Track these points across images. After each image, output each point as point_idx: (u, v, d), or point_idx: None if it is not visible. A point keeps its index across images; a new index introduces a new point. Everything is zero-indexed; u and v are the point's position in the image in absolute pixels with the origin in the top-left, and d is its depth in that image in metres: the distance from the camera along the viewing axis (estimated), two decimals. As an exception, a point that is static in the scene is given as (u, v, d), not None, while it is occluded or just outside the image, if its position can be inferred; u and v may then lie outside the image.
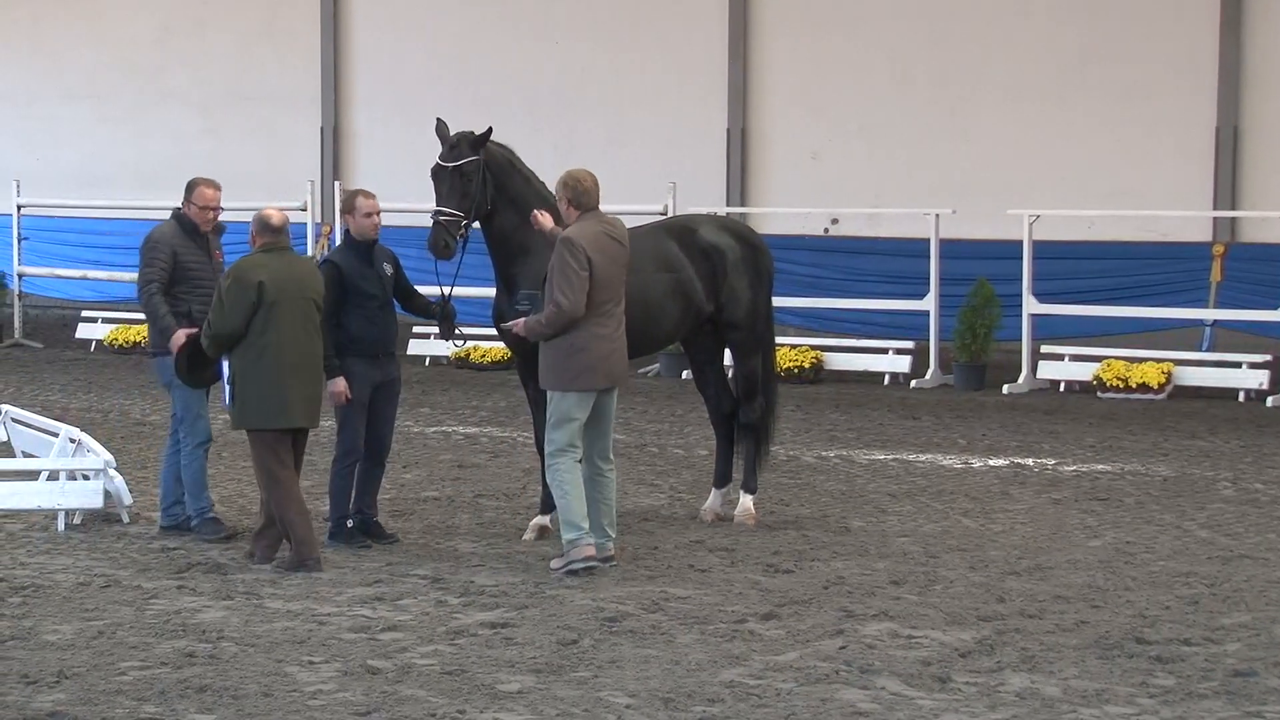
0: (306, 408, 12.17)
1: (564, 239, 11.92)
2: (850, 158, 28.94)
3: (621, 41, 30.67)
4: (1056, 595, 11.34)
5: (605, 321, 11.99)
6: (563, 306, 11.80)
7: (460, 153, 12.89)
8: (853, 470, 16.63)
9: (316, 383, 12.28)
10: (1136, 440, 18.75)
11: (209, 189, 13.20)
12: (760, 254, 14.18)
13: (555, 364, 11.94)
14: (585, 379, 11.92)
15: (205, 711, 8.67)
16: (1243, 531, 13.70)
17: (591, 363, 11.91)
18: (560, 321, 11.84)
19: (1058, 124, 27.58)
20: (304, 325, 12.13)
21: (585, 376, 11.92)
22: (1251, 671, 9.51)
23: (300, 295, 12.12)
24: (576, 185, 12.12)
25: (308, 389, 12.17)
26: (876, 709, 8.80)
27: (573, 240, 11.89)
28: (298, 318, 12.09)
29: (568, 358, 11.89)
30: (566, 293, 11.79)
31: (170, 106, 34.05)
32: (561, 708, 8.76)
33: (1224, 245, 25.39)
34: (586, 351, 11.89)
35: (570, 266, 11.80)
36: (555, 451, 11.93)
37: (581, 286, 11.81)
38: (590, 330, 11.92)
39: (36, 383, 23.58)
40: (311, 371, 12.21)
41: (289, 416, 12.08)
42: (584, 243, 11.87)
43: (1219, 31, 26.67)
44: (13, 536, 13.08)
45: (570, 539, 11.83)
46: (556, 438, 11.92)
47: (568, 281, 11.80)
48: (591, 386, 11.96)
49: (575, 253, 11.82)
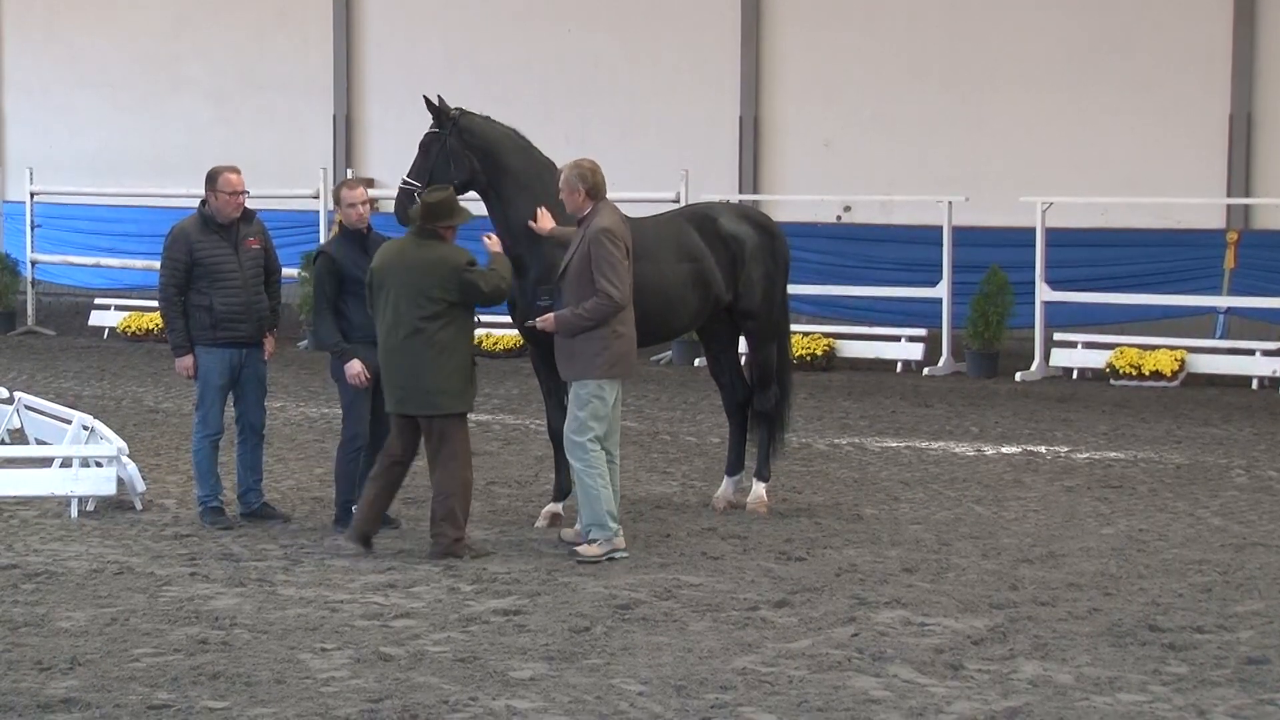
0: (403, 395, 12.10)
1: (604, 230, 11.88)
2: (863, 145, 28.92)
3: (635, 30, 30.66)
4: (1069, 583, 11.33)
5: (628, 311, 12.06)
6: (615, 298, 11.82)
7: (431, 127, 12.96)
8: (865, 458, 16.62)
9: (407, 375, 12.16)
10: (1149, 428, 18.73)
11: (232, 174, 13.09)
12: (778, 242, 14.17)
13: (591, 353, 11.89)
14: (621, 366, 12.00)
15: (218, 698, 8.68)
16: (1256, 519, 13.69)
17: (626, 351, 12.00)
18: (608, 312, 11.84)
19: (1071, 112, 27.55)
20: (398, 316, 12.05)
21: (621, 364, 12.00)
22: (1264, 659, 9.50)
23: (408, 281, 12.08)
24: (592, 176, 12.09)
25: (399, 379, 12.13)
26: (889, 696, 8.80)
27: (613, 231, 11.92)
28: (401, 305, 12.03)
29: (605, 347, 11.89)
30: (616, 284, 11.83)
31: (184, 95, 34.09)
32: (574, 695, 8.76)
33: (1237, 233, 25.35)
34: (622, 339, 11.96)
35: (615, 257, 11.84)
36: (591, 440, 11.89)
37: (627, 276, 11.91)
38: (629, 316, 12.04)
39: (49, 370, 23.61)
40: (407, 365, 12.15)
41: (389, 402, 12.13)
42: (624, 233, 12.00)
43: (1232, 19, 26.64)
44: (26, 523, 13.10)
45: (613, 529, 11.88)
46: (594, 427, 11.90)
47: (615, 272, 11.84)
48: (627, 374, 12.09)
49: (618, 243, 11.89)
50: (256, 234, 13.20)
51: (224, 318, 12.95)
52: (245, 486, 13.29)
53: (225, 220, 13.05)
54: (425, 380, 11.89)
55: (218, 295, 12.93)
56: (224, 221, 13.05)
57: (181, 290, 12.99)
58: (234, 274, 12.95)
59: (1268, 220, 26.48)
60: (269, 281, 13.27)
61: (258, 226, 13.26)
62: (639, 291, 13.24)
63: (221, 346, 13.01)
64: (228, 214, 13.04)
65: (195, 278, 12.97)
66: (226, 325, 12.97)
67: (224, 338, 12.99)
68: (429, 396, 11.93)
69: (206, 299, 12.94)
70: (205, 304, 12.94)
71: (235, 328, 12.99)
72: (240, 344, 13.06)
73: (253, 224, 13.22)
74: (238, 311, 12.97)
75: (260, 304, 13.11)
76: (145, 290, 29.57)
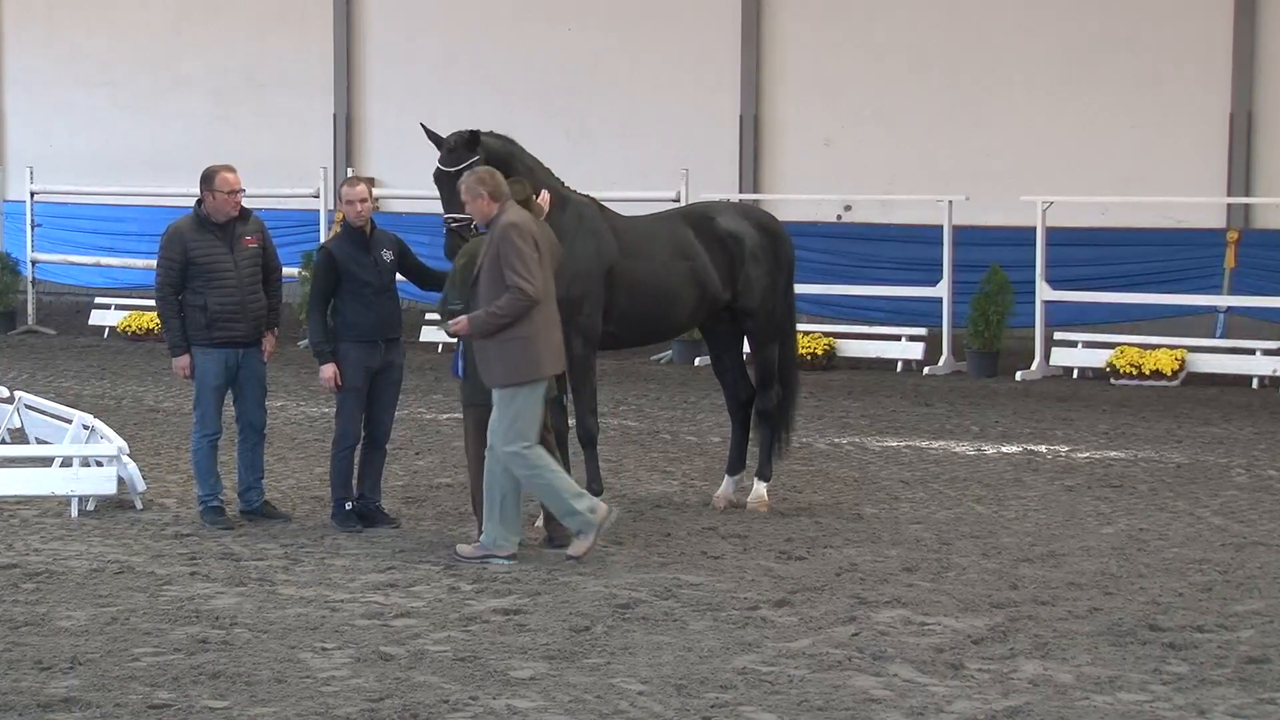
0: None
1: (510, 224, 11.62)
2: (864, 144, 28.92)
3: (635, 28, 30.65)
4: (1069, 582, 11.33)
5: (550, 305, 11.78)
6: (527, 291, 11.48)
7: (459, 156, 12.72)
8: (865, 457, 16.62)
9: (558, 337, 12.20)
10: (1150, 427, 18.74)
11: (228, 173, 13.06)
12: (780, 242, 14.14)
13: (511, 357, 11.62)
14: (545, 366, 11.73)
15: (218, 698, 8.68)
16: (1256, 518, 13.69)
17: (553, 347, 11.76)
18: (522, 307, 11.51)
19: (1071, 110, 27.56)
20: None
21: (544, 364, 11.72)
22: (1265, 658, 9.50)
23: None
24: (491, 179, 11.85)
25: None
26: (889, 696, 8.79)
27: (520, 225, 11.64)
28: None
29: (524, 349, 11.62)
30: (527, 276, 11.49)
31: (184, 93, 34.08)
32: (574, 694, 8.76)
33: (1238, 232, 25.36)
34: (539, 339, 11.66)
35: (523, 250, 11.53)
36: (524, 448, 11.61)
37: (538, 269, 11.56)
38: (545, 314, 11.71)
39: (50, 369, 23.61)
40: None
41: None
42: (532, 230, 11.70)
43: (1233, 17, 26.64)
44: (26, 523, 13.10)
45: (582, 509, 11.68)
46: (528, 431, 11.65)
47: (525, 265, 11.51)
48: (556, 370, 11.83)
49: (525, 237, 11.59)
50: (254, 233, 13.18)
51: (219, 317, 12.93)
52: (246, 485, 13.29)
53: (222, 219, 13.03)
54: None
55: (213, 295, 12.91)
56: (220, 221, 13.03)
57: (177, 290, 12.98)
58: (229, 273, 12.94)
59: (1268, 219, 26.48)
60: (269, 281, 13.25)
61: (255, 225, 13.23)
62: (637, 290, 13.27)
63: (217, 346, 12.99)
64: (225, 213, 13.02)
65: (190, 277, 12.95)
66: (222, 325, 12.95)
67: (220, 337, 12.98)
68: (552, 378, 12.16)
69: (201, 298, 12.92)
70: (200, 303, 12.93)
71: (231, 327, 12.97)
72: (236, 344, 13.04)
73: (250, 223, 13.19)
74: (233, 311, 12.95)
75: (257, 303, 13.08)
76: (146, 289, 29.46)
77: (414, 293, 14.25)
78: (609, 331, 13.28)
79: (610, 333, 13.31)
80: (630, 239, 13.40)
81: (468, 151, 12.75)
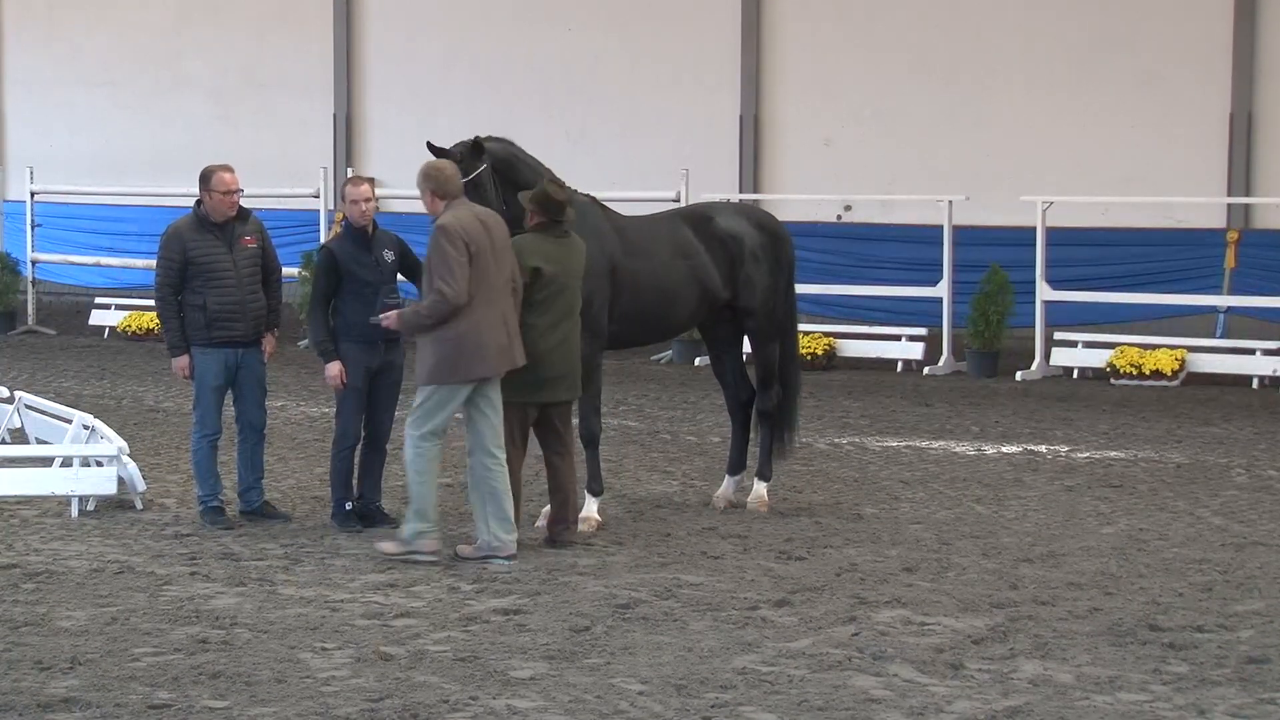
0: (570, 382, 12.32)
1: (439, 226, 11.70)
2: (864, 144, 28.92)
3: (634, 28, 30.65)
4: (1069, 582, 11.33)
5: (489, 307, 11.78)
6: (446, 295, 11.57)
7: (468, 165, 12.74)
8: (865, 457, 16.62)
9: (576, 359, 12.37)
10: (1150, 427, 18.74)
11: (225, 173, 13.07)
12: (780, 242, 14.15)
13: (446, 356, 11.69)
14: (475, 369, 11.73)
15: (218, 698, 8.68)
16: (1256, 518, 13.69)
17: (484, 351, 11.74)
18: (443, 311, 11.61)
19: (1072, 110, 27.56)
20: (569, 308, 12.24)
21: (475, 366, 11.72)
22: (1265, 658, 9.50)
23: (572, 276, 12.29)
24: (439, 175, 11.93)
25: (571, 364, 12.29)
26: (889, 696, 8.79)
27: (448, 228, 11.68)
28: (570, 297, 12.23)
29: (458, 348, 11.66)
30: (449, 281, 11.57)
31: (185, 94, 34.09)
32: (574, 694, 8.76)
33: (1238, 232, 25.35)
34: (466, 341, 11.68)
35: (450, 254, 11.59)
36: (425, 435, 11.78)
37: (463, 274, 11.58)
38: (477, 317, 11.71)
39: (50, 369, 23.61)
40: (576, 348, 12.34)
41: (555, 391, 12.23)
42: (460, 229, 11.69)
43: (1233, 17, 26.64)
44: (26, 523, 13.10)
45: (421, 529, 11.79)
46: (433, 423, 11.79)
47: (449, 269, 11.58)
48: (481, 375, 11.78)
49: (453, 239, 11.62)
50: (253, 233, 13.18)
51: (218, 317, 12.93)
52: (246, 485, 13.29)
53: (220, 219, 13.04)
54: (577, 366, 12.37)
55: (212, 294, 12.92)
56: (219, 221, 13.04)
57: (176, 290, 12.99)
58: (228, 273, 12.95)
59: (1268, 219, 26.48)
60: (268, 281, 13.26)
61: (254, 225, 13.24)
62: (640, 289, 13.28)
63: (217, 346, 12.99)
64: (222, 213, 13.03)
65: (189, 277, 12.96)
66: (221, 325, 12.96)
67: (219, 337, 12.98)
68: (577, 381, 12.40)
69: (201, 298, 12.93)
70: (199, 303, 12.94)
71: (230, 327, 12.98)
72: (235, 344, 13.04)
73: (249, 223, 13.20)
74: (232, 311, 12.96)
75: (256, 303, 13.09)
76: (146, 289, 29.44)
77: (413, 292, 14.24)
78: (611, 330, 13.28)
79: (612, 331, 13.32)
80: (632, 238, 13.42)
81: (475, 159, 12.75)
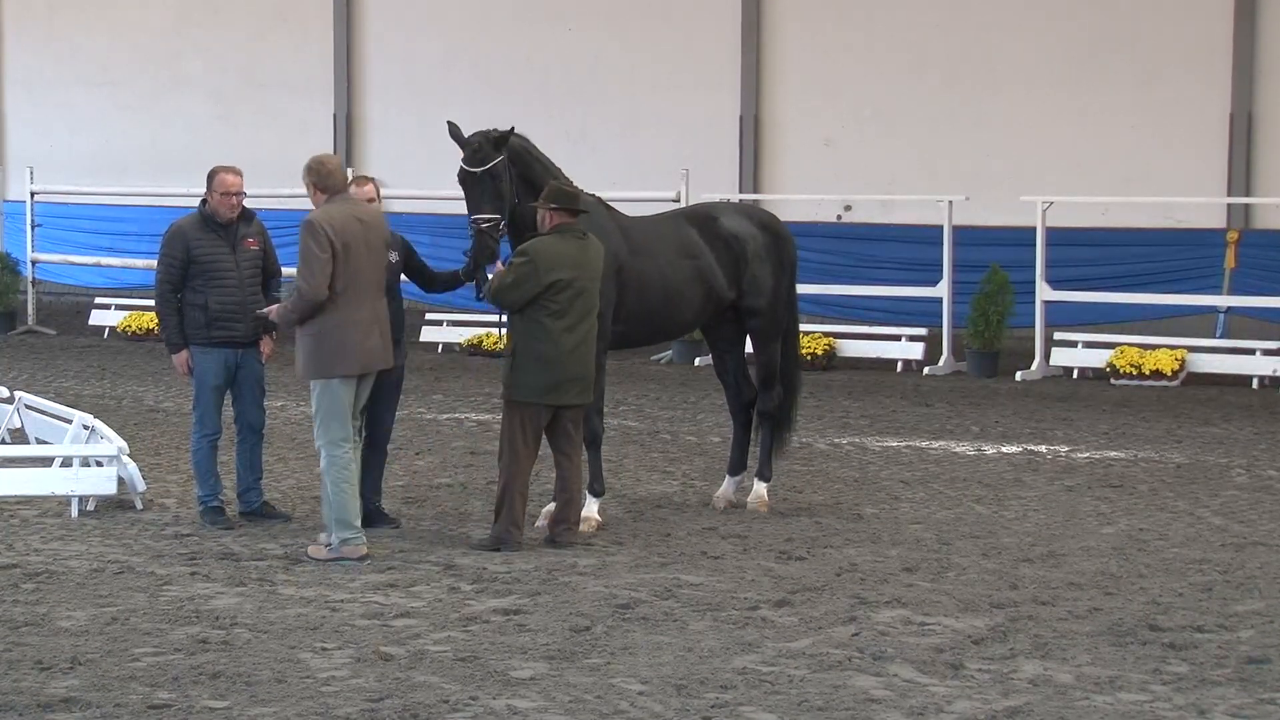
0: (581, 387, 12.29)
1: (305, 222, 11.82)
2: (864, 144, 28.94)
3: (635, 28, 30.67)
4: (1070, 582, 11.33)
5: (359, 306, 11.83)
6: (302, 291, 11.73)
7: (485, 155, 12.72)
8: (865, 457, 16.62)
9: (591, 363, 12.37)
10: (1150, 427, 18.74)
11: (229, 175, 13.07)
12: (783, 242, 14.16)
13: (311, 352, 11.82)
14: (343, 365, 11.81)
15: (218, 698, 8.68)
16: (1256, 518, 13.69)
17: (346, 349, 11.80)
18: (303, 307, 11.76)
19: (1071, 110, 27.57)
20: (587, 310, 12.24)
21: (342, 362, 11.80)
22: (1265, 658, 9.50)
23: (590, 279, 12.28)
24: (320, 168, 12.01)
25: (585, 368, 12.28)
26: (889, 696, 8.79)
27: (313, 223, 11.78)
28: (587, 300, 12.23)
29: (320, 344, 11.77)
30: (306, 277, 11.71)
31: (184, 93, 34.10)
32: (574, 694, 8.76)
33: (1238, 232, 25.37)
34: (337, 337, 11.77)
35: (310, 250, 11.70)
36: (332, 442, 11.83)
37: (322, 270, 11.67)
38: (342, 315, 11.78)
39: (50, 369, 23.61)
40: (590, 352, 12.33)
41: (563, 394, 12.22)
42: (327, 225, 11.75)
43: (1233, 17, 26.66)
44: (26, 523, 13.10)
45: (345, 537, 11.84)
46: (332, 429, 11.83)
47: (308, 266, 11.71)
48: (343, 373, 11.83)
49: (316, 236, 11.71)
50: (255, 235, 13.19)
51: (218, 317, 12.94)
52: (245, 486, 13.28)
53: (223, 220, 13.05)
54: (592, 370, 12.39)
55: (213, 294, 12.92)
56: (222, 221, 13.05)
57: (177, 288, 13.00)
58: (230, 273, 12.95)
59: (1268, 219, 26.49)
60: (268, 284, 13.27)
61: (257, 227, 13.25)
62: (646, 289, 13.27)
63: (216, 346, 12.99)
64: (224, 214, 13.04)
65: (191, 276, 12.97)
66: (221, 324, 12.96)
67: (219, 337, 12.98)
68: (591, 385, 12.43)
69: (202, 297, 12.93)
70: (200, 303, 12.94)
71: (230, 327, 12.98)
72: (235, 344, 13.04)
73: (252, 224, 13.21)
74: (233, 311, 12.96)
75: (257, 304, 13.08)
76: (146, 290, 29.49)
77: (413, 293, 14.24)
78: (617, 330, 13.27)
79: (619, 331, 13.31)
80: (637, 238, 13.41)
81: (494, 151, 12.75)
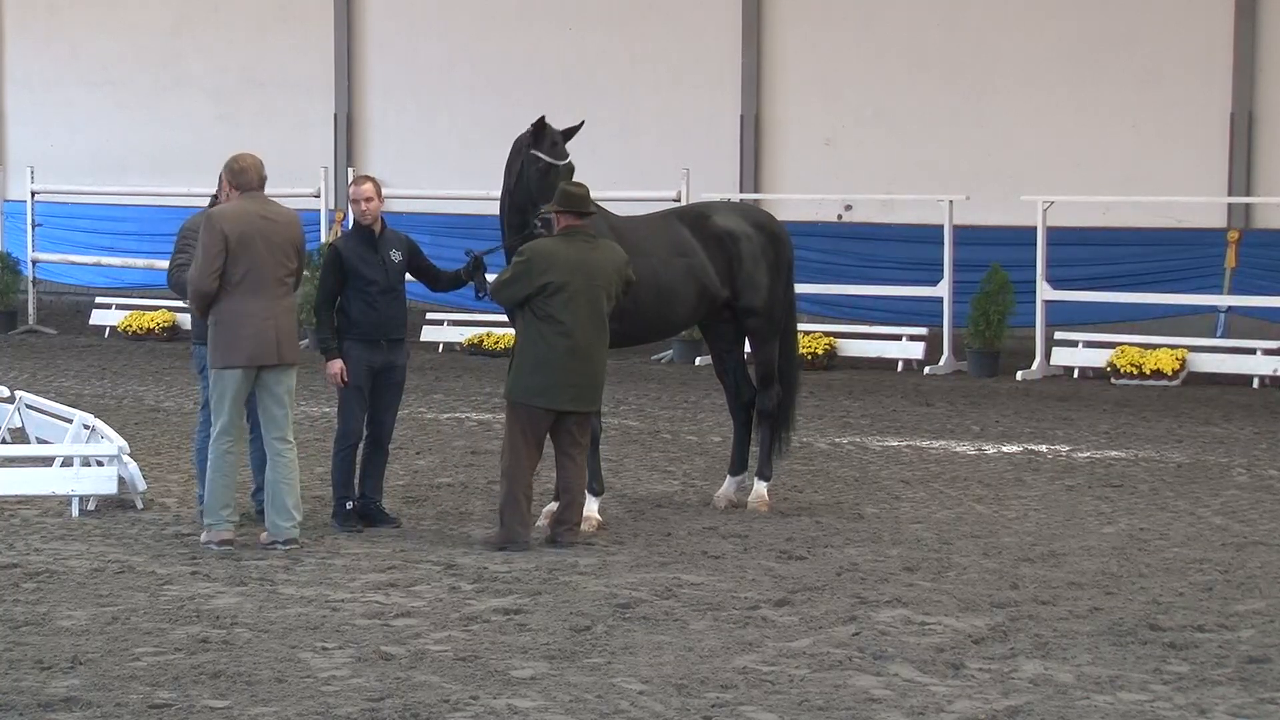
0: (577, 393, 12.28)
1: (205, 216, 12.33)
2: (864, 144, 28.93)
3: (635, 28, 30.66)
4: (1070, 582, 11.33)
5: (255, 299, 12.05)
6: (191, 280, 12.17)
7: (562, 151, 13.10)
8: (866, 457, 16.62)
9: (592, 369, 12.36)
10: (1150, 427, 18.74)
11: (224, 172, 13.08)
12: (778, 241, 14.15)
13: (212, 341, 12.21)
14: (234, 355, 12.09)
15: (219, 697, 8.68)
16: (1257, 518, 13.69)
17: (237, 340, 12.06)
18: (194, 298, 12.23)
19: (1072, 110, 27.56)
20: (588, 315, 12.25)
21: (234, 353, 12.08)
22: (1265, 658, 9.50)
23: (591, 283, 12.27)
24: (234, 165, 12.42)
25: (582, 374, 12.29)
26: (890, 695, 8.79)
27: (210, 215, 12.25)
28: (586, 304, 12.24)
29: (215, 334, 12.15)
30: (196, 267, 12.14)
31: (185, 93, 34.09)
32: (574, 694, 8.76)
33: (1238, 231, 25.37)
34: (232, 328, 12.07)
35: (203, 241, 12.11)
36: (220, 431, 12.17)
37: (209, 263, 12.01)
38: (238, 307, 12.06)
39: (50, 369, 23.61)
40: (592, 358, 12.33)
41: (556, 398, 12.22)
42: (224, 220, 12.08)
43: (1234, 17, 26.64)
44: (27, 522, 13.10)
45: (209, 522, 12.23)
46: (223, 419, 12.16)
47: (198, 257, 12.14)
48: (233, 363, 12.10)
49: (210, 228, 12.09)
50: None
51: None
52: (257, 486, 13.27)
53: None
54: (600, 376, 12.44)
55: None
56: None
57: None
58: None
59: (1269, 219, 26.48)
60: None
61: None
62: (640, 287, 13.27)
63: None
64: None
65: None
66: None
67: None
68: (598, 391, 12.47)
69: None
70: None
71: None
72: None
73: None
74: None
75: None
76: (146, 289, 29.61)
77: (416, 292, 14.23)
78: (611, 328, 13.27)
79: (612, 329, 13.31)
80: (629, 238, 13.43)
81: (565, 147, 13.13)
